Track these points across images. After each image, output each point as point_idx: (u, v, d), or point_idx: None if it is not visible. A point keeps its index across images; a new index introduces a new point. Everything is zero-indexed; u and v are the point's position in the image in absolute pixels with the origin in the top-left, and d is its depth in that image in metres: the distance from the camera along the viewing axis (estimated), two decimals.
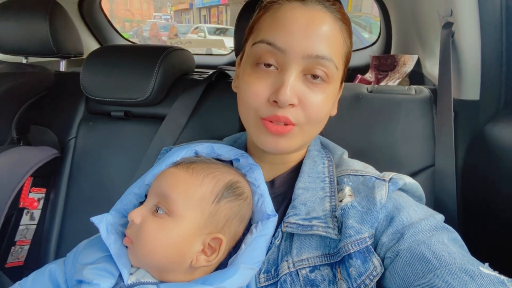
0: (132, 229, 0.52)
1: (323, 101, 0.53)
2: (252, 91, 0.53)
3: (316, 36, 0.51)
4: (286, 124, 0.53)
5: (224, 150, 0.62)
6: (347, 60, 0.59)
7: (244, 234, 0.57)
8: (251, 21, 0.60)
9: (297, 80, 0.52)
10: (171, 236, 0.50)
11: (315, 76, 0.52)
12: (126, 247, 0.53)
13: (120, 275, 0.51)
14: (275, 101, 0.51)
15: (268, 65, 0.53)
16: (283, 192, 0.62)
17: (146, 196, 0.61)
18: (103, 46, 1.72)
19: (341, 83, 0.61)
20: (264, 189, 0.58)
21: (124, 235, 0.54)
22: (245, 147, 0.68)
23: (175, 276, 0.52)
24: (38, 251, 1.06)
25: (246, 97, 0.54)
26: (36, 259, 1.06)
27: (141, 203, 0.61)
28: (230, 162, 0.63)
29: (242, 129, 0.78)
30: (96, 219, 0.55)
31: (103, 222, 0.55)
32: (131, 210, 0.59)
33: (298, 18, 0.51)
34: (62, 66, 1.41)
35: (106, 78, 1.03)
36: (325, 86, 0.54)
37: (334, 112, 0.62)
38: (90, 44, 1.90)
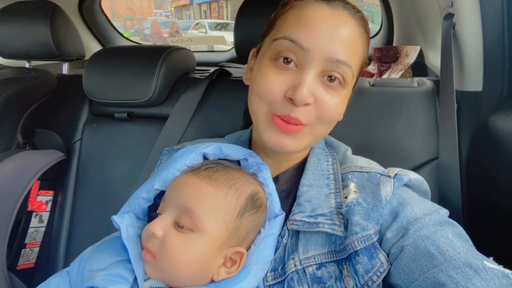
0: (154, 243, 0.50)
1: (337, 103, 0.54)
2: (269, 85, 0.52)
3: (339, 41, 0.51)
4: (296, 124, 0.53)
5: (232, 150, 0.61)
6: (362, 68, 0.58)
7: None
8: (271, 17, 0.59)
9: (314, 80, 0.51)
10: (196, 252, 0.49)
11: (332, 79, 0.52)
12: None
13: (135, 280, 0.50)
14: (291, 99, 0.51)
15: (288, 61, 0.52)
16: (287, 188, 0.62)
17: (154, 199, 0.60)
18: (104, 48, 1.73)
19: (353, 89, 0.60)
20: (272, 189, 0.58)
21: (139, 238, 0.54)
22: (247, 145, 0.68)
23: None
24: (48, 252, 1.08)
25: (261, 89, 0.53)
26: (46, 261, 1.07)
27: (150, 207, 0.61)
28: (238, 162, 0.62)
29: (245, 126, 0.78)
30: (117, 218, 0.54)
31: (124, 222, 0.54)
32: (140, 214, 0.59)
33: (324, 20, 0.51)
34: (65, 68, 1.42)
35: (108, 80, 1.04)
36: (341, 90, 0.53)
37: (341, 117, 0.62)
38: (91, 45, 1.91)
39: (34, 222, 1.03)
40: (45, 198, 1.06)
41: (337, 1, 0.53)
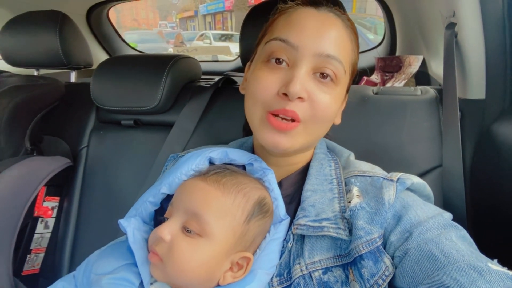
0: (162, 246, 0.50)
1: (330, 100, 0.55)
2: (262, 85, 0.54)
3: (327, 37, 0.53)
4: (292, 120, 0.53)
5: (238, 155, 0.62)
6: (354, 69, 0.60)
7: None
8: (264, 26, 0.62)
9: (306, 76, 0.53)
10: (203, 257, 0.49)
11: (324, 76, 0.54)
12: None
13: (141, 284, 0.51)
14: (284, 94, 0.52)
15: (279, 61, 0.54)
16: (291, 193, 0.63)
17: (161, 203, 0.61)
18: (112, 56, 1.76)
19: (347, 91, 0.61)
20: (277, 193, 0.58)
21: (146, 242, 0.54)
22: (251, 151, 0.68)
23: None
24: (53, 258, 1.08)
25: (255, 90, 0.55)
26: (51, 267, 1.08)
27: (156, 211, 0.61)
28: (243, 167, 0.63)
29: (246, 135, 0.79)
30: (124, 222, 0.55)
31: (131, 226, 0.54)
32: (146, 218, 0.59)
33: (311, 19, 0.54)
34: (73, 77, 1.44)
35: (115, 87, 1.06)
36: (333, 87, 0.55)
37: (338, 120, 0.63)
38: (98, 55, 1.94)
39: (39, 228, 1.04)
40: (51, 204, 1.07)
41: (323, 5, 0.57)
